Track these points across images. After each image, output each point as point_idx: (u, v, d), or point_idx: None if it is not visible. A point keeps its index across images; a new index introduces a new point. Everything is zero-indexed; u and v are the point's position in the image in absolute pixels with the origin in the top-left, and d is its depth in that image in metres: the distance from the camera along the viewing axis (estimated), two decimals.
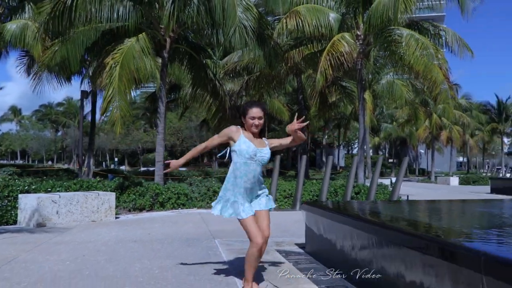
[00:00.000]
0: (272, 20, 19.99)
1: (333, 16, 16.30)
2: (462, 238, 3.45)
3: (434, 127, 41.11)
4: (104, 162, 74.51)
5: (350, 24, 16.64)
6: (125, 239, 7.01)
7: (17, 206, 9.07)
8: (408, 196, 14.16)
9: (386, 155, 67.84)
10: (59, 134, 77.59)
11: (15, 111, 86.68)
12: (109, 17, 13.06)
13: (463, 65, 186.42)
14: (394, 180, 13.00)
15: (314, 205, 6.07)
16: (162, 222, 9.25)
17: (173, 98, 27.49)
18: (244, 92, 22.47)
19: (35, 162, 78.97)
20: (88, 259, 5.49)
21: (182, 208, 12.20)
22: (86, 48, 14.04)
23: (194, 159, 66.91)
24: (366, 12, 16.00)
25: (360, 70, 16.79)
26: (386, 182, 18.87)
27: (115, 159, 74.35)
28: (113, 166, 60.33)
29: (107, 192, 10.35)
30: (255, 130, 4.04)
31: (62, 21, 12.19)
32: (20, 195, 9.06)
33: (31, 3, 17.95)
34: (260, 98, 21.09)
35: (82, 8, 12.30)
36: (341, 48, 15.10)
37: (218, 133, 4.29)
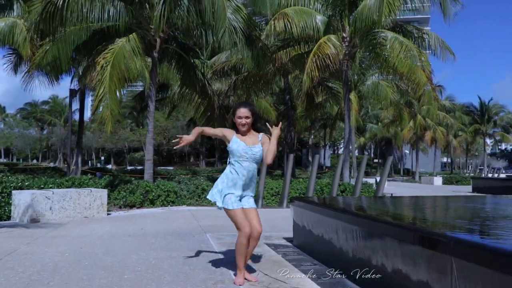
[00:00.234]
0: (259, 20, 20.24)
1: (320, 18, 16.68)
2: (435, 227, 3.80)
3: (419, 128, 41.80)
4: (90, 161, 74.17)
5: (336, 26, 17.01)
6: (119, 234, 7.26)
7: (10, 202, 9.26)
8: (392, 194, 14.56)
9: (372, 155, 68.46)
10: (45, 132, 77.01)
11: None
12: (100, 17, 13.22)
13: (448, 67, 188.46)
14: (379, 178, 13.40)
15: (302, 200, 6.38)
16: (153, 218, 9.51)
17: (160, 97, 27.63)
18: (232, 92, 22.69)
19: (20, 160, 78.23)
20: (86, 251, 5.75)
21: (171, 205, 12.45)
22: (76, 47, 14.21)
23: (181, 159, 67.03)
24: (352, 14, 16.39)
25: (346, 71, 17.16)
26: (371, 181, 19.30)
27: (102, 158, 74.08)
28: (99, 165, 60.09)
29: (99, 189, 10.56)
30: (243, 129, 4.37)
31: (53, 21, 12.32)
32: (14, 191, 9.25)
33: (20, 1, 18.03)
34: (247, 98, 21.32)
35: (73, 8, 12.45)
36: (327, 50, 15.45)
37: None
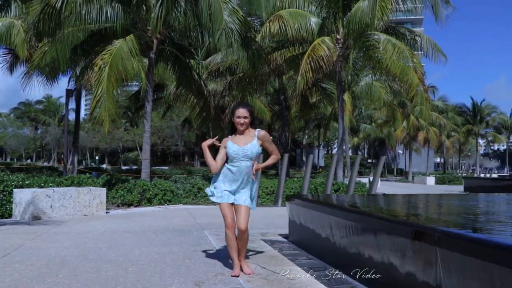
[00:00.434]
0: (253, 21, 20.50)
1: (314, 20, 16.96)
2: (422, 221, 4.06)
3: (412, 128, 42.20)
4: (84, 161, 74.20)
5: (330, 28, 17.27)
6: (119, 230, 7.49)
7: (11, 200, 9.46)
8: (384, 193, 14.84)
9: (365, 155, 68.89)
10: (38, 132, 76.95)
11: None
12: (97, 19, 13.43)
13: (443, 68, 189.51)
14: (372, 178, 13.69)
15: (298, 198, 6.64)
16: (152, 216, 9.73)
17: (156, 97, 27.81)
18: (227, 92, 22.92)
19: (14, 160, 78.16)
20: (90, 246, 5.97)
21: (168, 204, 12.66)
22: (74, 47, 14.39)
23: (175, 158, 67.21)
24: (345, 17, 16.66)
25: (339, 72, 17.44)
26: (364, 180, 19.60)
27: (96, 158, 74.11)
28: (93, 165, 60.18)
29: (98, 187, 10.77)
30: (241, 128, 4.66)
31: (51, 23, 12.52)
32: (15, 190, 9.44)
33: (18, 1, 18.19)
34: (242, 98, 21.55)
35: (71, 10, 12.65)
36: (321, 52, 15.72)
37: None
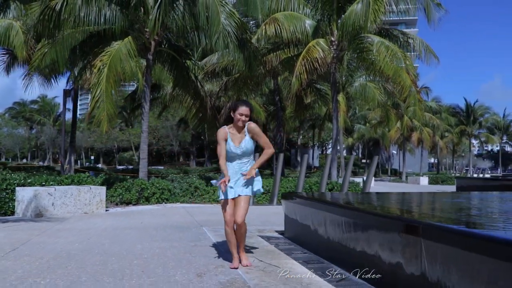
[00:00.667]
0: (249, 22, 20.78)
1: (309, 22, 17.26)
2: (410, 215, 4.35)
3: (405, 129, 42.62)
4: (79, 160, 74.20)
5: (325, 30, 17.57)
6: (121, 227, 7.75)
7: (14, 198, 9.69)
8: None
9: (360, 156, 69.28)
10: (33, 131, 76.94)
11: None
12: (96, 20, 13.66)
13: (434, 69, 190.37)
14: (365, 177, 13.99)
15: (293, 195, 6.92)
16: (151, 214, 9.99)
17: (152, 97, 28.01)
18: (223, 92, 23.17)
19: (9, 159, 78.06)
20: (94, 242, 6.23)
21: (166, 202, 12.93)
22: (72, 48, 14.61)
23: (171, 158, 67.40)
24: (340, 19, 16.97)
25: (334, 73, 17.75)
26: (358, 180, 19.90)
27: (91, 157, 74.18)
28: (88, 164, 60.26)
29: (98, 186, 11.01)
30: (241, 125, 4.81)
31: (51, 24, 12.74)
32: (17, 188, 9.67)
33: (17, 2, 18.36)
34: (238, 98, 21.80)
35: (70, 12, 12.87)
36: (315, 54, 16.02)
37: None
